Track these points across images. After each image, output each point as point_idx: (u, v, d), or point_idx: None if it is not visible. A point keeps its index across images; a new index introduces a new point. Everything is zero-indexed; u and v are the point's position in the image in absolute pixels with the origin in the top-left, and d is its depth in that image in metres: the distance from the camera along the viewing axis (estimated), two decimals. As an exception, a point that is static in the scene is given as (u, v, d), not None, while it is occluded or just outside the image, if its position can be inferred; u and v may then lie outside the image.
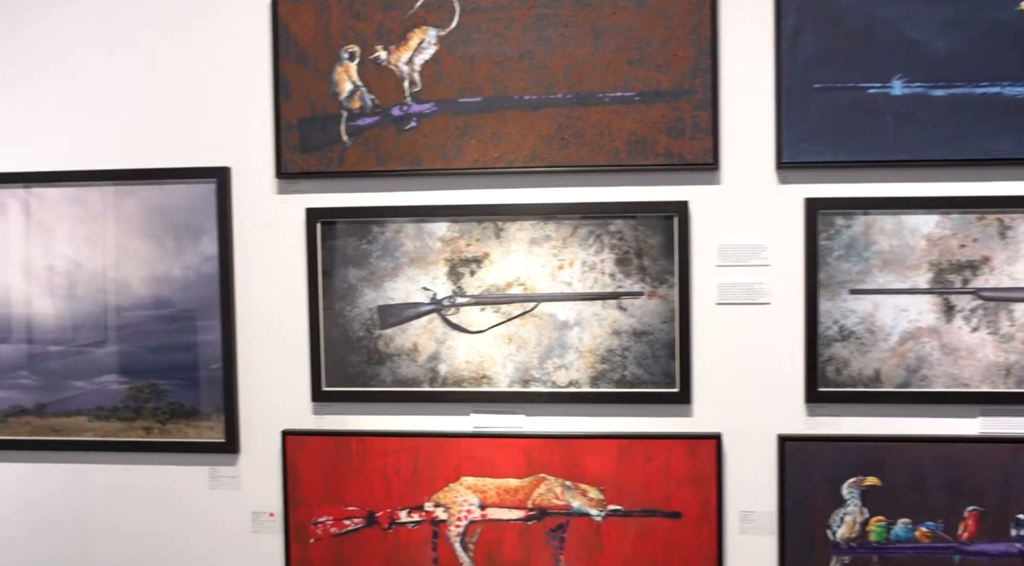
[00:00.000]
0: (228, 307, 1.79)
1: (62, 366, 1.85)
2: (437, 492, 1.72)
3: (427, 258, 1.73)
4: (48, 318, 1.85)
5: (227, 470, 1.82)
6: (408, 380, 1.74)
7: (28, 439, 1.88)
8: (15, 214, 1.85)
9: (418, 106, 1.72)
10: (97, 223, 1.83)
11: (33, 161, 1.85)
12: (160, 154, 1.82)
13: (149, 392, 1.83)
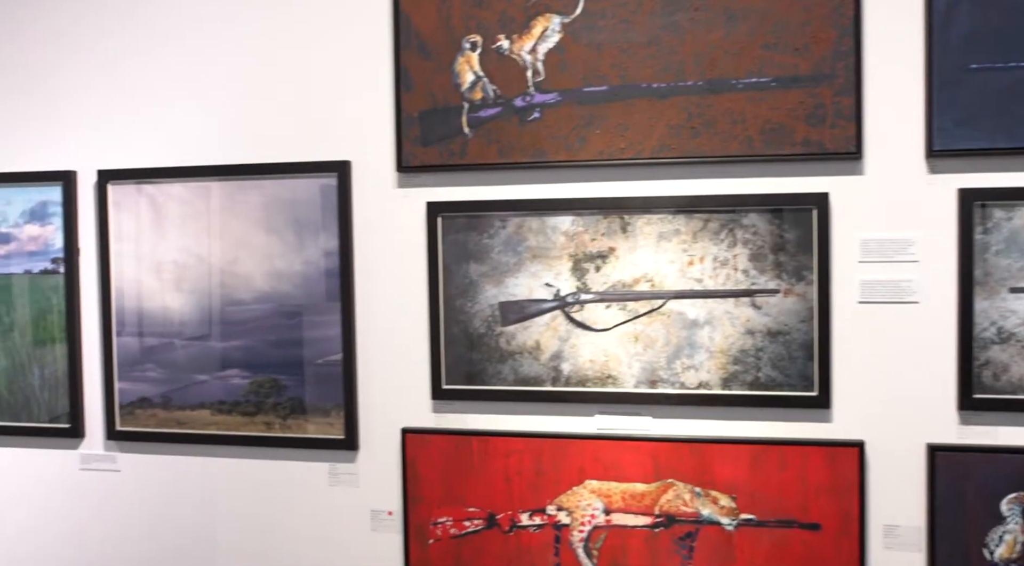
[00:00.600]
0: (348, 302, 2.15)
1: (186, 360, 2.27)
2: (560, 495, 2.03)
3: (550, 253, 2.03)
4: (173, 312, 2.27)
5: (346, 467, 2.19)
6: (530, 379, 2.05)
7: (154, 431, 2.30)
8: (141, 209, 2.28)
9: (541, 96, 2.02)
10: (219, 218, 2.23)
11: (158, 157, 2.27)
12: (281, 149, 2.19)
13: (270, 387, 2.22)
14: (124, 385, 2.28)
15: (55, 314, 2.33)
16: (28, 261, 2.35)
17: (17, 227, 2.35)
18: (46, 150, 2.34)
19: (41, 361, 2.34)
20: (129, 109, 2.27)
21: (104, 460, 2.32)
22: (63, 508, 2.36)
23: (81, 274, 2.33)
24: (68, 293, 2.31)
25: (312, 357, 2.15)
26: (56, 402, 2.34)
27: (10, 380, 2.37)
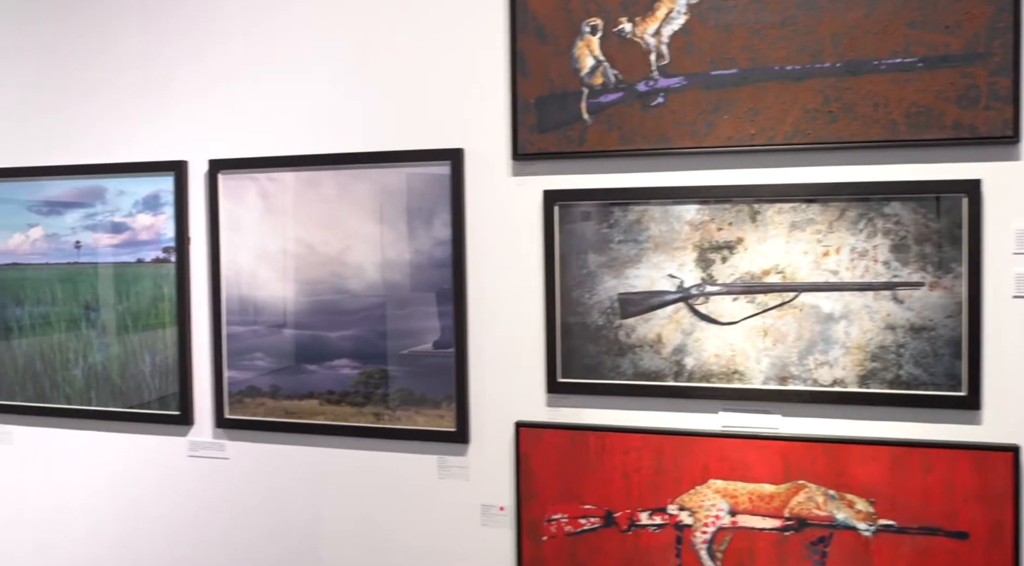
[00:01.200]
0: (460, 293, 2.12)
1: (295, 349, 2.26)
2: (682, 494, 1.96)
3: (674, 243, 1.96)
4: (282, 301, 2.27)
5: (456, 460, 2.16)
6: (651, 373, 1.99)
7: (263, 420, 2.31)
8: (253, 198, 2.28)
9: (666, 80, 1.95)
10: (331, 207, 2.22)
11: (269, 146, 2.27)
12: (393, 137, 2.17)
13: (379, 378, 2.20)
14: (233, 373, 2.29)
15: (166, 302, 2.35)
16: (141, 250, 2.37)
17: (130, 216, 2.38)
18: (159, 141, 2.36)
19: (152, 348, 2.36)
20: (240, 99, 2.27)
21: (212, 447, 2.34)
22: (171, 493, 2.38)
23: (192, 263, 2.34)
24: (179, 281, 2.33)
25: (423, 348, 2.12)
26: (166, 389, 2.36)
27: (122, 366, 2.40)
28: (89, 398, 2.44)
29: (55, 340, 2.47)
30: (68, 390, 2.46)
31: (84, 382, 2.44)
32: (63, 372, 2.46)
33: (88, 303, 2.43)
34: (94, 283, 2.41)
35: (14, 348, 2.52)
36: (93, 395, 2.44)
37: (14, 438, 2.55)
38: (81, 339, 2.44)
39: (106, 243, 2.40)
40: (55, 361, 2.47)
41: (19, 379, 2.52)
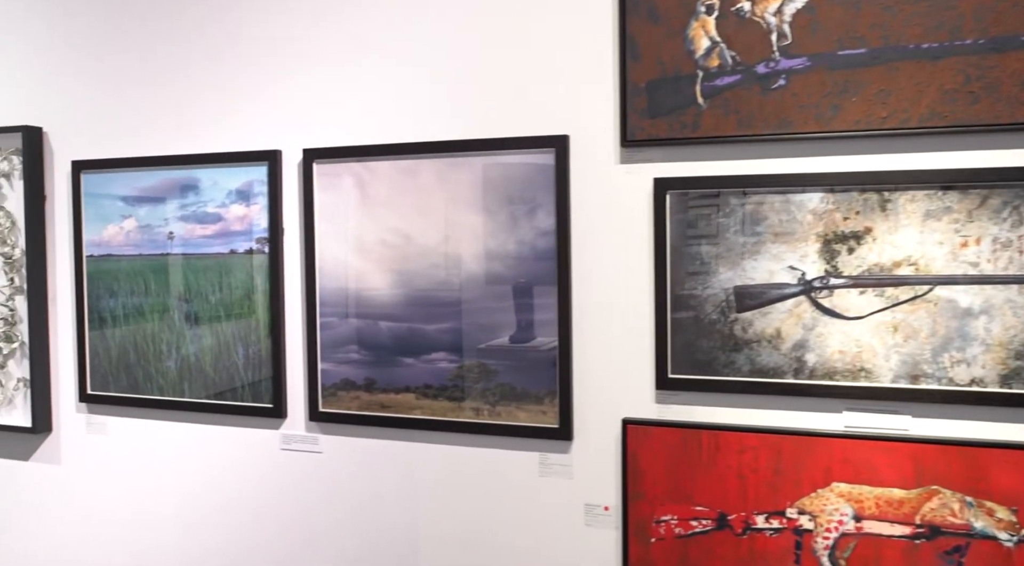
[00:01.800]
0: (565, 285, 2.06)
1: (391, 342, 2.23)
2: (802, 498, 1.88)
3: (795, 233, 1.87)
4: (379, 293, 2.23)
5: (559, 457, 2.10)
6: (768, 370, 1.91)
7: (357, 413, 2.28)
8: (349, 188, 2.25)
9: (788, 61, 1.87)
10: (429, 196, 2.18)
11: (365, 135, 2.24)
12: (494, 124, 2.12)
13: (479, 372, 2.16)
14: (327, 366, 2.27)
15: (259, 294, 2.34)
16: (234, 241, 2.36)
17: (224, 207, 2.37)
18: (252, 130, 2.35)
19: (245, 340, 2.35)
20: (335, 86, 2.24)
21: (306, 441, 2.32)
22: (264, 487, 2.37)
23: (285, 254, 2.32)
24: (272, 273, 2.31)
25: (524, 342, 2.07)
26: (259, 382, 2.35)
27: (215, 358, 2.39)
28: (182, 390, 2.45)
29: (148, 331, 2.48)
30: (161, 381, 2.47)
31: (177, 374, 2.45)
32: (156, 363, 2.47)
33: (181, 294, 2.43)
34: (187, 274, 2.42)
35: (108, 339, 2.54)
36: (186, 387, 2.44)
37: (108, 429, 2.57)
38: (174, 330, 2.45)
39: (199, 234, 2.40)
40: (148, 352, 2.48)
41: (113, 370, 2.54)
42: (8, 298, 2.65)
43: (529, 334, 2.07)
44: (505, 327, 2.08)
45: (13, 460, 2.72)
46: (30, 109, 2.64)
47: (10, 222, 2.64)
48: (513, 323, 2.08)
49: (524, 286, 2.07)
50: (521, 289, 2.07)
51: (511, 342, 2.10)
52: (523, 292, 2.07)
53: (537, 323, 2.06)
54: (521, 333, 2.08)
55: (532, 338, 2.08)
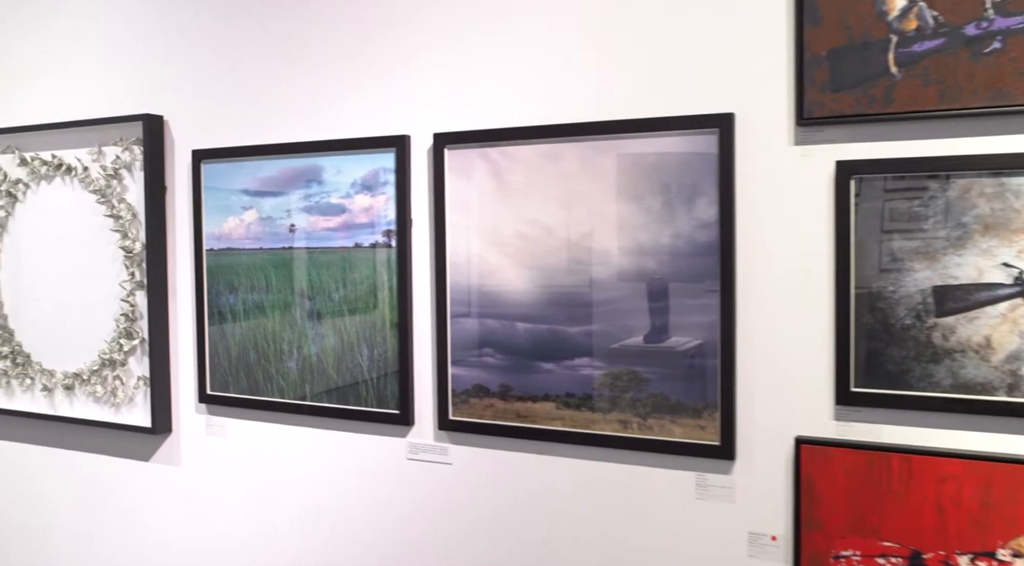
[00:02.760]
0: (728, 283, 1.86)
1: (530, 345, 2.08)
2: (1018, 537, 1.64)
3: (1010, 224, 1.63)
4: (516, 291, 2.09)
5: (719, 479, 1.91)
6: (975, 385, 1.67)
7: (490, 423, 2.14)
8: (483, 176, 2.12)
9: (1004, 20, 1.62)
10: (573, 184, 2.02)
11: (501, 117, 2.10)
12: (648, 102, 1.94)
13: (628, 380, 1.99)
14: (458, 371, 2.14)
15: (385, 291, 2.23)
16: (358, 233, 2.26)
17: (348, 197, 2.28)
18: (378, 115, 2.24)
19: (370, 341, 2.25)
20: (468, 65, 2.11)
21: (434, 451, 2.20)
22: (388, 498, 2.27)
23: (413, 247, 2.21)
24: (399, 268, 2.20)
25: (682, 347, 1.89)
26: (385, 385, 2.24)
27: (338, 359, 2.30)
28: (304, 392, 2.37)
29: (269, 329, 2.41)
30: (282, 383, 2.40)
31: (299, 375, 2.37)
32: (277, 363, 2.40)
33: (303, 291, 2.35)
34: (309, 269, 2.33)
35: (227, 337, 2.48)
36: (308, 389, 2.36)
37: (228, 431, 2.53)
38: (295, 329, 2.37)
39: (322, 226, 2.31)
40: (269, 352, 2.42)
41: (232, 370, 2.48)
42: (129, 293, 2.63)
43: (658, 336, 1.89)
44: (659, 330, 1.90)
45: (133, 460, 2.72)
46: (150, 97, 2.62)
47: (131, 214, 2.63)
48: (660, 323, 1.90)
49: (658, 284, 1.89)
50: (655, 288, 1.89)
51: (645, 342, 1.92)
52: (656, 293, 1.89)
53: (696, 326, 1.87)
54: (654, 335, 1.90)
55: (666, 338, 1.90)
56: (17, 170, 2.90)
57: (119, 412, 2.71)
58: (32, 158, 2.85)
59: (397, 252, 2.23)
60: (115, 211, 2.65)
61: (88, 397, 2.77)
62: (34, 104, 2.90)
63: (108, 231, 2.68)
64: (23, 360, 2.92)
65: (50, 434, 2.92)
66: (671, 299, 1.92)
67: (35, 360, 2.90)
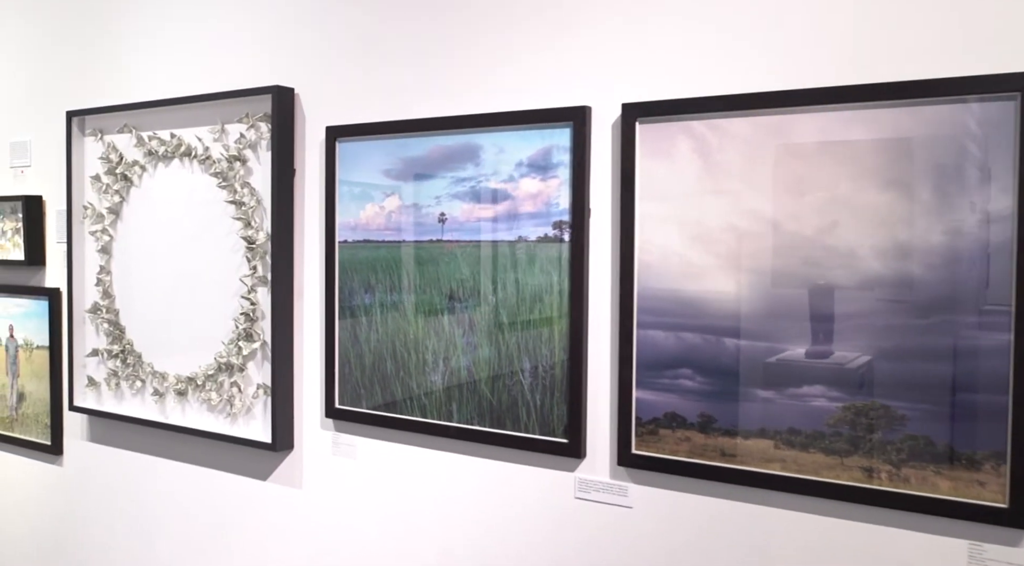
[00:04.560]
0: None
1: (742, 367, 1.69)
2: None
3: None
4: (725, 298, 1.70)
5: (1003, 551, 1.48)
6: None
7: (685, 461, 1.76)
8: (685, 155, 1.73)
9: None
10: (808, 165, 1.62)
11: (710, 82, 1.72)
12: (911, 60, 1.53)
13: (877, 416, 1.57)
14: (645, 394, 1.76)
15: (555, 294, 1.87)
16: (523, 225, 1.92)
17: (511, 182, 1.93)
18: (550, 82, 1.89)
19: (533, 353, 1.90)
20: (666, 18, 1.74)
21: (610, 490, 1.83)
22: (549, 543, 1.91)
23: (592, 243, 1.84)
24: (573, 267, 1.84)
25: (954, 378, 1.47)
26: (551, 408, 1.88)
27: (493, 375, 1.96)
28: (450, 411, 2.03)
29: (411, 336, 2.08)
30: (424, 400, 2.07)
31: (445, 391, 2.04)
32: (419, 377, 2.08)
33: (452, 292, 2.01)
34: (461, 267, 2.00)
35: (362, 344, 2.17)
36: (455, 408, 2.02)
37: (358, 452, 2.22)
38: (442, 337, 2.04)
39: (478, 216, 1.97)
40: (410, 363, 2.09)
41: (367, 382, 2.17)
42: (250, 290, 2.35)
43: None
44: (914, 351, 1.48)
45: (250, 478, 2.44)
46: (280, 68, 2.34)
47: (255, 200, 2.35)
48: (924, 346, 1.48)
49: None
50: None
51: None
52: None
53: (978, 352, 1.44)
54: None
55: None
56: (133, 151, 2.66)
57: (235, 423, 2.43)
58: (150, 138, 2.60)
59: (571, 248, 1.87)
60: (237, 196, 2.38)
61: (202, 405, 2.51)
62: (152, 79, 2.67)
63: (229, 219, 2.41)
64: (134, 360, 2.69)
65: (160, 442, 2.68)
66: (937, 316, 1.49)
67: (146, 361, 2.66)
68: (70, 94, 2.91)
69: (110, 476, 2.84)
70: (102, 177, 2.74)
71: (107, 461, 2.85)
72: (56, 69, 2.96)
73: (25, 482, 3.13)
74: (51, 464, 3.02)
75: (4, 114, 3.14)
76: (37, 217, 3.00)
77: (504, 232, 1.98)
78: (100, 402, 2.80)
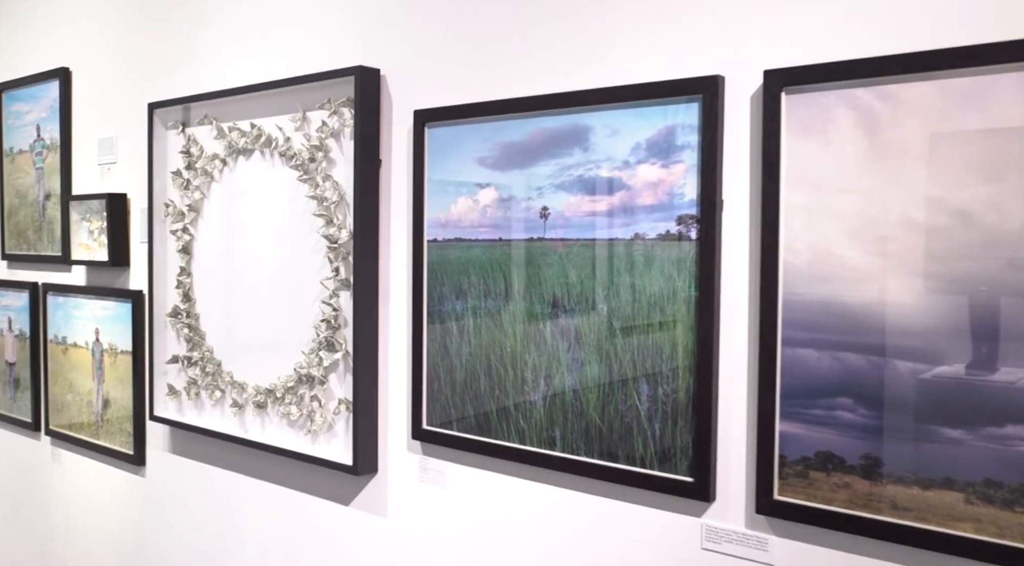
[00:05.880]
0: None
1: (922, 396, 1.34)
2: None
3: None
4: (900, 310, 1.34)
5: None
6: None
7: (844, 512, 1.41)
8: (846, 132, 1.39)
9: None
10: (1008, 142, 1.24)
11: (880, 39, 1.36)
12: None
13: (1112, 469, 1.18)
14: (792, 428, 1.43)
15: (679, 303, 1.55)
16: (640, 220, 1.61)
17: (627, 169, 1.62)
18: (672, 49, 1.57)
19: (652, 373, 1.59)
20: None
21: (746, 542, 1.50)
22: (669, 602, 1.58)
23: (725, 241, 1.51)
24: (702, 271, 1.53)
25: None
26: (672, 440, 1.57)
27: (603, 397, 1.65)
28: (552, 438, 1.74)
29: (507, 349, 1.80)
30: (522, 423, 1.79)
31: (546, 414, 1.75)
32: (516, 396, 1.79)
33: (556, 299, 1.72)
34: (566, 269, 1.70)
35: (452, 357, 1.90)
36: (558, 434, 1.73)
37: (448, 479, 1.95)
38: (544, 351, 1.75)
39: (586, 210, 1.67)
40: (506, 380, 1.81)
41: (457, 399, 1.90)
42: (331, 294, 2.12)
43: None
44: None
45: (331, 501, 2.21)
46: (363, 47, 2.09)
47: (337, 195, 2.11)
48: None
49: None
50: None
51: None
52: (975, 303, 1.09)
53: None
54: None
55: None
56: (214, 144, 2.48)
57: (316, 441, 2.21)
58: (230, 129, 2.41)
59: (700, 246, 1.55)
60: (319, 191, 2.15)
61: (281, 419, 2.29)
62: (232, 64, 2.48)
63: (310, 216, 2.18)
64: (213, 368, 2.50)
65: (240, 458, 2.49)
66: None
67: (226, 369, 2.47)
68: (154, 85, 2.76)
69: (191, 491, 2.68)
70: (183, 172, 2.57)
71: (188, 475, 2.68)
72: (139, 59, 2.83)
73: (108, 492, 3.01)
74: (134, 475, 2.88)
75: (93, 110, 3.03)
76: (121, 216, 2.86)
77: (617, 228, 1.67)
78: (181, 412, 2.63)
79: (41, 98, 3.28)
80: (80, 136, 3.10)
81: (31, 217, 3.32)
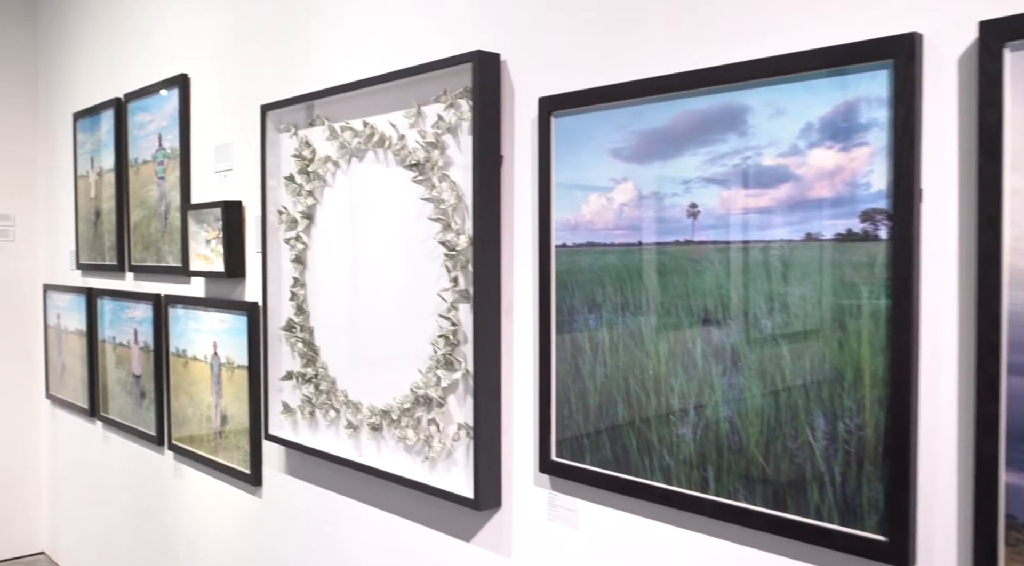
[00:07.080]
0: None
1: None
2: None
3: None
4: None
5: None
6: None
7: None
8: None
9: None
10: None
11: None
12: None
13: None
14: (1020, 479, 1.09)
15: (864, 319, 1.25)
16: (812, 217, 1.31)
17: (795, 156, 1.33)
18: (849, 4, 1.26)
19: (829, 404, 1.29)
20: None
21: (957, 621, 1.17)
22: None
23: (925, 241, 1.21)
24: (895, 278, 1.22)
25: None
26: (858, 487, 1.27)
27: (768, 431, 1.36)
28: (704, 479, 1.46)
29: (650, 371, 1.54)
30: (667, 459, 1.52)
31: (696, 450, 1.47)
32: (661, 427, 1.52)
33: (708, 313, 1.45)
34: (720, 277, 1.43)
35: (585, 379, 1.65)
36: (711, 474, 1.45)
37: (580, 520, 1.70)
38: (693, 375, 1.47)
39: (745, 206, 1.39)
40: (648, 408, 1.54)
41: (590, 428, 1.65)
42: (450, 307, 1.90)
43: None
44: None
45: (450, 536, 2.00)
46: (481, 30, 1.87)
47: (455, 197, 1.90)
48: None
49: None
50: None
51: None
52: None
53: None
54: None
55: None
56: (326, 145, 2.32)
57: (434, 469, 2.00)
58: (342, 129, 2.24)
59: (892, 248, 1.24)
60: (435, 192, 1.94)
61: (398, 443, 2.10)
62: (343, 60, 2.32)
63: (427, 221, 1.98)
64: (328, 386, 2.34)
65: (356, 484, 2.32)
66: None
67: (340, 388, 2.30)
68: (267, 86, 2.64)
69: (307, 515, 2.53)
70: (296, 177, 2.42)
71: (304, 498, 2.54)
72: (252, 61, 2.72)
73: (225, 511, 2.91)
74: (251, 495, 2.77)
75: (211, 116, 2.95)
76: (237, 224, 2.76)
77: (783, 228, 1.38)
78: (296, 431, 2.49)
79: (162, 106, 3.24)
80: (198, 143, 3.04)
81: (155, 227, 3.28)
